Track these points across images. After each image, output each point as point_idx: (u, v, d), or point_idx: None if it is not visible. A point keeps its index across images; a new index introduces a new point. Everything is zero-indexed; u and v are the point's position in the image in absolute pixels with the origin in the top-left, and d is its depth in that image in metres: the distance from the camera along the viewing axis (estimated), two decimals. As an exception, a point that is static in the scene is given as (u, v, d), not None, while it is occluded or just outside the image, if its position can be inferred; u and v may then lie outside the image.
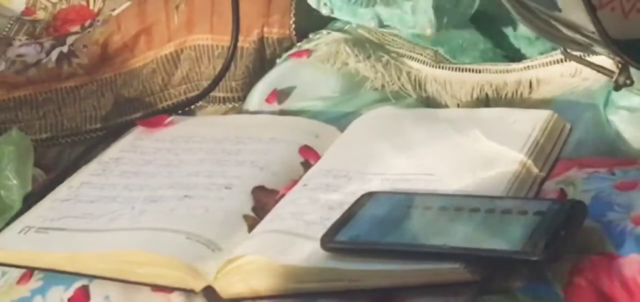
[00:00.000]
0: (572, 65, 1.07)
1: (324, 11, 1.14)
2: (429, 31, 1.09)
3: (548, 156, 0.90)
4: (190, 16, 1.22)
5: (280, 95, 1.11)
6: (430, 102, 1.11)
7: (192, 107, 1.19)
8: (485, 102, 1.09)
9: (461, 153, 0.90)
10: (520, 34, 1.12)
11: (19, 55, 1.23)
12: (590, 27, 0.88)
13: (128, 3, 1.27)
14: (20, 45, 1.25)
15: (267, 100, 1.11)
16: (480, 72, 1.11)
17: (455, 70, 1.12)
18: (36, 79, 1.22)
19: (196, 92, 1.20)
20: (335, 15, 1.15)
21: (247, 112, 1.13)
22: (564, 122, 0.94)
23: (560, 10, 0.92)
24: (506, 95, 1.09)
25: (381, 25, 1.13)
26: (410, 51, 1.14)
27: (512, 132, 0.92)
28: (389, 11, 1.11)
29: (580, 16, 0.89)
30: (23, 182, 1.00)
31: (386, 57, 1.14)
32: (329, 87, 1.11)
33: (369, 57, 1.14)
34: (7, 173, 1.00)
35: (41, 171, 1.07)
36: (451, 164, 0.88)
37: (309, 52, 1.16)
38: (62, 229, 0.88)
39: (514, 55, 1.14)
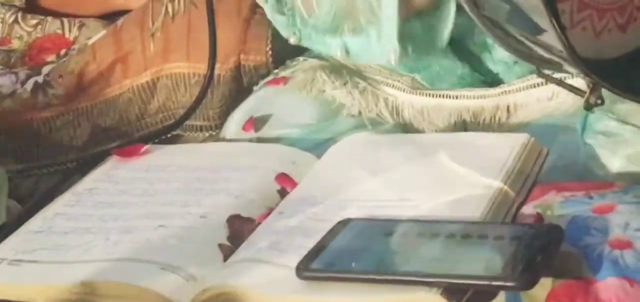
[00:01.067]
0: (550, 89, 1.07)
1: (292, 40, 1.13)
2: (392, 60, 1.07)
3: (525, 180, 0.90)
4: (166, 44, 1.21)
5: (256, 123, 1.10)
6: (407, 129, 1.10)
7: (169, 135, 1.18)
8: (463, 127, 1.09)
9: (437, 178, 0.89)
10: (498, 58, 1.12)
11: None
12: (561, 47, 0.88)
13: (103, 31, 1.26)
14: None
15: (244, 128, 1.11)
16: (457, 98, 1.11)
17: (433, 96, 1.12)
18: (11, 110, 1.21)
19: (173, 121, 1.19)
20: (304, 44, 1.14)
21: (224, 140, 1.13)
22: (540, 146, 0.94)
23: (535, 32, 0.92)
24: (484, 120, 1.09)
25: (348, 55, 1.11)
26: (387, 78, 1.14)
27: (488, 157, 0.91)
28: (355, 41, 1.09)
29: (551, 36, 0.89)
30: (-4, 215, 0.99)
31: (363, 83, 1.13)
32: (306, 114, 1.10)
33: (345, 83, 1.13)
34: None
35: (16, 203, 1.06)
36: (427, 189, 0.88)
37: (285, 79, 1.15)
38: (35, 261, 0.86)
39: (493, 80, 1.13)
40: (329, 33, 1.10)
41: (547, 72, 1.03)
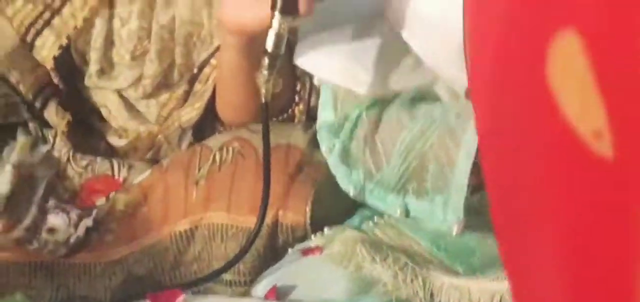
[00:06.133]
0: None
1: (352, 193, 1.11)
2: (455, 230, 1.04)
3: None
4: (209, 193, 1.19)
5: (279, 292, 1.06)
6: None
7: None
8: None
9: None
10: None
11: (51, 230, 1.22)
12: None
13: (149, 171, 1.25)
14: (52, 214, 1.24)
15: (267, 296, 1.07)
16: (502, 280, 1.05)
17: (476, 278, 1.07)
18: (60, 255, 1.21)
19: (206, 272, 1.16)
20: (365, 198, 1.11)
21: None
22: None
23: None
24: None
25: (407, 215, 1.08)
26: (428, 259, 1.09)
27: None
28: (418, 203, 1.07)
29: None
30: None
31: (404, 259, 1.08)
32: (335, 290, 1.06)
33: (386, 258, 1.08)
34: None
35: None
36: None
37: (321, 249, 1.11)
38: None
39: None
40: (393, 192, 1.08)
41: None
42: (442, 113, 1.09)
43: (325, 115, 1.14)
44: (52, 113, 1.32)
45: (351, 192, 1.11)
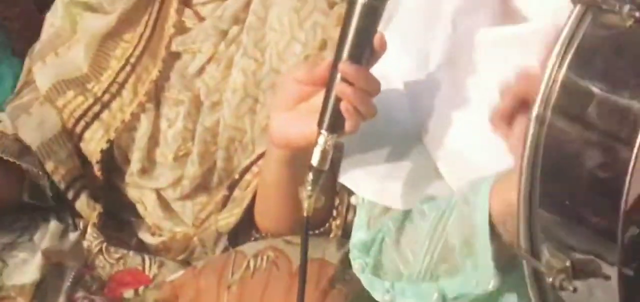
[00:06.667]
0: None
1: (387, 299, 1.10)
2: (491, 285, 1.03)
3: None
4: (240, 299, 1.19)
5: None
6: None
7: None
8: None
9: None
10: None
11: None
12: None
13: (182, 271, 1.26)
14: None
15: None
16: None
17: None
18: None
19: None
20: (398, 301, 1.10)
21: None
22: None
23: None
24: None
25: (444, 300, 1.07)
26: None
27: None
28: (452, 282, 1.07)
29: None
30: None
31: None
32: None
33: None
34: None
35: None
36: None
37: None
38: None
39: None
40: (424, 281, 1.08)
41: None
42: (457, 193, 1.10)
43: (358, 235, 1.15)
44: (84, 204, 1.33)
45: (387, 299, 1.10)
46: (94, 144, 1.32)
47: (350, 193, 1.22)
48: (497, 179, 1.02)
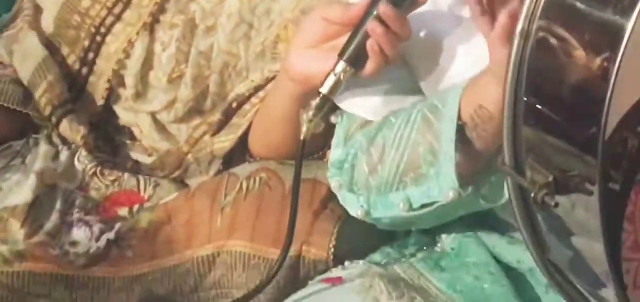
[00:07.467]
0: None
1: (360, 213, 1.12)
2: (451, 194, 1.04)
3: None
4: (233, 221, 1.21)
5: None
6: None
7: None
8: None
9: None
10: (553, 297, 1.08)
11: (72, 243, 1.24)
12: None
13: (176, 194, 1.27)
14: (75, 226, 1.26)
15: None
16: None
17: None
18: (79, 265, 1.22)
19: (225, 300, 1.17)
20: (372, 215, 1.12)
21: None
22: None
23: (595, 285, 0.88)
24: None
25: (411, 207, 1.09)
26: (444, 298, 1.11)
27: None
28: (418, 189, 1.08)
29: (610, 293, 0.84)
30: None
31: (419, 298, 1.10)
32: None
33: (401, 296, 1.10)
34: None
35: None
36: None
37: (341, 279, 1.13)
38: None
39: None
40: (391, 191, 1.09)
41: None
42: (421, 100, 1.11)
43: (335, 152, 1.15)
44: (67, 128, 1.34)
45: (359, 212, 1.12)
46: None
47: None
48: (467, 85, 1.02)
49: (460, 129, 1.02)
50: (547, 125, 0.81)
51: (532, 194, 0.81)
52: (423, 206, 1.08)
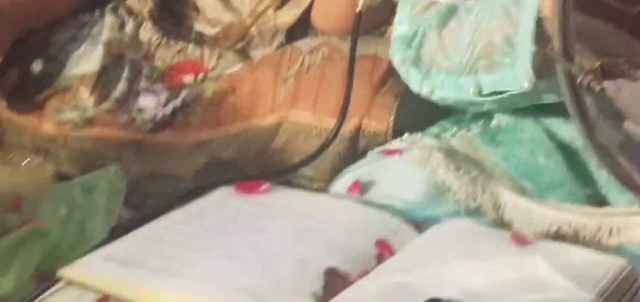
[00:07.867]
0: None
1: (425, 91, 1.15)
2: (526, 85, 1.07)
3: (616, 304, 0.91)
4: (296, 92, 1.26)
5: (363, 187, 1.13)
6: (505, 227, 1.12)
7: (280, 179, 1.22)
8: (561, 239, 1.10)
9: (531, 279, 0.91)
10: (611, 179, 1.13)
11: (140, 110, 1.30)
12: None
13: (240, 65, 1.31)
14: (142, 95, 1.31)
15: (350, 189, 1.13)
16: (562, 211, 1.12)
17: (538, 204, 1.13)
18: (146, 130, 1.28)
19: (289, 165, 1.22)
20: (437, 94, 1.15)
21: (334, 195, 1.16)
22: (636, 275, 0.95)
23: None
24: (584, 237, 1.10)
25: (480, 93, 1.12)
26: (498, 175, 1.16)
27: (584, 273, 0.93)
28: (490, 77, 1.10)
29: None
30: (109, 217, 1.05)
31: (475, 172, 1.15)
32: (414, 190, 1.12)
33: (459, 168, 1.15)
34: (96, 205, 1.05)
35: (127, 210, 1.12)
36: (520, 287, 0.90)
37: (400, 151, 1.18)
38: (142, 266, 0.92)
39: (600, 201, 1.14)
40: (463, 74, 1.11)
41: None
42: None
43: (400, 28, 1.17)
44: (134, 1, 1.38)
45: (424, 89, 1.14)
46: None
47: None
48: None
49: (540, 22, 1.05)
50: (597, 9, 0.84)
51: (579, 79, 0.85)
52: (492, 93, 1.11)
